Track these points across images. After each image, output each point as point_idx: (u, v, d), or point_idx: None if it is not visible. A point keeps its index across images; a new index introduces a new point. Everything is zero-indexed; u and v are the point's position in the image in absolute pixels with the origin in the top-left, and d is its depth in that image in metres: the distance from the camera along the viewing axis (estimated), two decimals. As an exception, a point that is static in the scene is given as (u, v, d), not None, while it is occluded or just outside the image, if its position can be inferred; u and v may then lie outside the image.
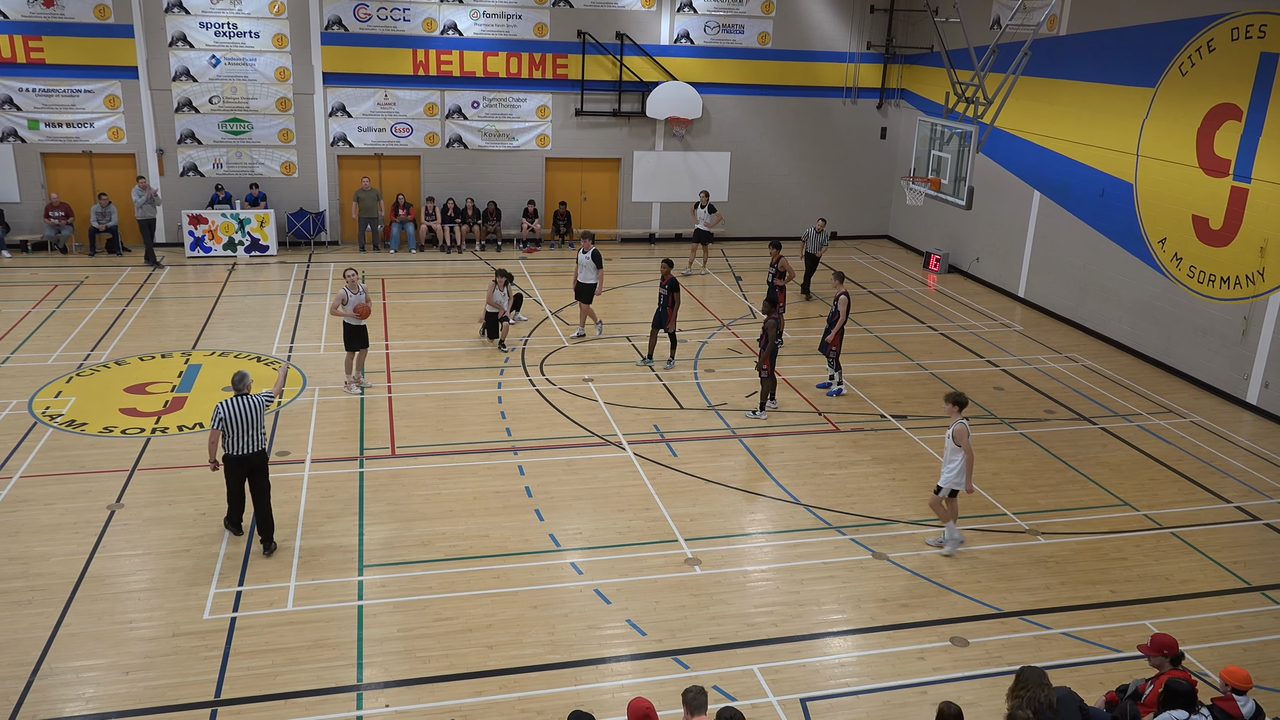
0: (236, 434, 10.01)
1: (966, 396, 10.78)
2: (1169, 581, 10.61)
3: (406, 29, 22.62)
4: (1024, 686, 6.61)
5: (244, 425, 10.02)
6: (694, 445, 13.38)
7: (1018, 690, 6.64)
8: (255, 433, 10.11)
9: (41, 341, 16.27)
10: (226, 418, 9.94)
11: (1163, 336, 17.29)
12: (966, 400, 10.70)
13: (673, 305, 15.93)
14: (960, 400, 10.61)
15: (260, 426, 10.16)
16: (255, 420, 10.09)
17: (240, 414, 9.98)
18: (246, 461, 10.16)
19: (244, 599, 9.55)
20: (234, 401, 10.03)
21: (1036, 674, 6.66)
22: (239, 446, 10.07)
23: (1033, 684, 6.59)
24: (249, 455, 10.14)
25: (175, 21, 21.53)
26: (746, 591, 10.06)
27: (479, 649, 8.97)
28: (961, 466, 10.50)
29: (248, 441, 10.07)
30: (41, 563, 10.00)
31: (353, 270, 14.43)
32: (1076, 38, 19.16)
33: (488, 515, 11.31)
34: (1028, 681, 6.62)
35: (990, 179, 21.49)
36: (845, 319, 15.01)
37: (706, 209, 22.30)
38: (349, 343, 14.53)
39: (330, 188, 23.24)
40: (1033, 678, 6.63)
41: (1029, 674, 6.67)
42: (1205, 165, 16.14)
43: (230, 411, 9.96)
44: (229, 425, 9.96)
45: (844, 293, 15.07)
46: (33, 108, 21.39)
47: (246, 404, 10.05)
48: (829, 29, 24.90)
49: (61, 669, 8.48)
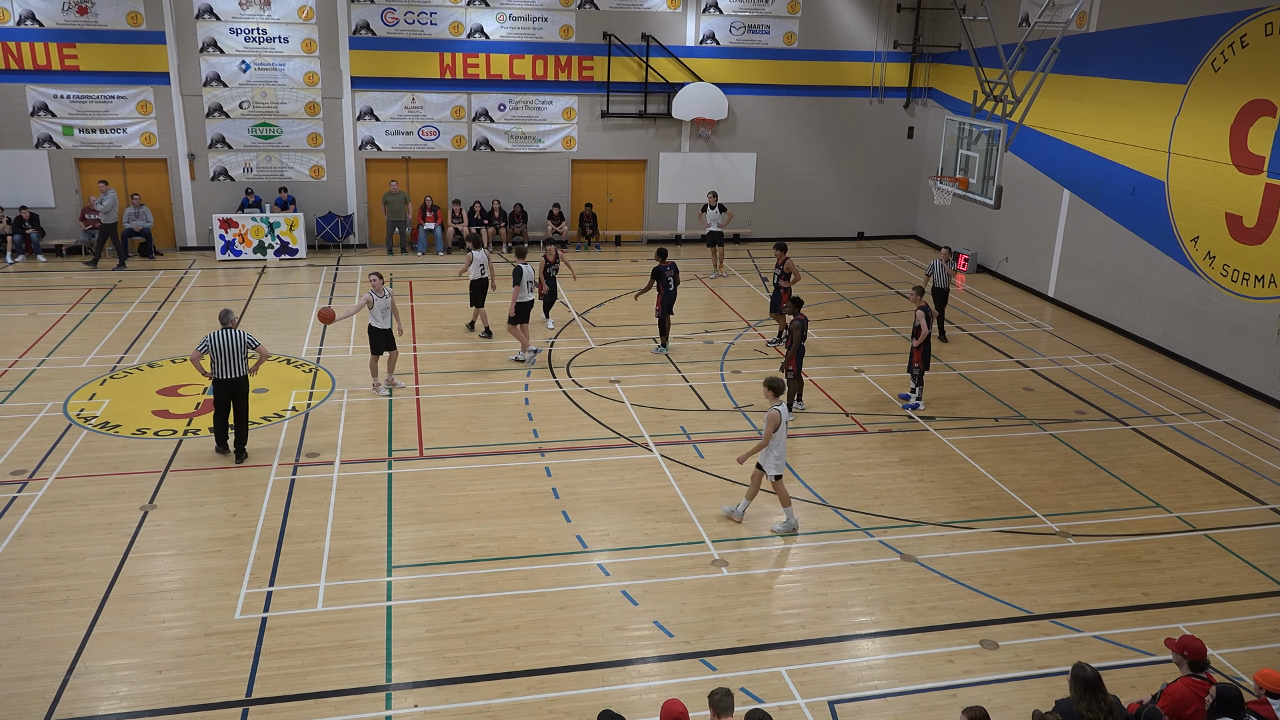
0: (222, 361, 11.95)
1: (783, 383, 10.97)
2: (1203, 584, 10.48)
3: (433, 32, 22.75)
4: (1096, 701, 6.51)
5: (227, 353, 11.95)
6: (720, 447, 13.36)
7: (1089, 696, 6.53)
8: (237, 360, 12.01)
9: (76, 345, 16.50)
10: (213, 346, 11.89)
11: (1196, 336, 17.07)
12: (782, 387, 10.90)
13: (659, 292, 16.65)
14: (775, 386, 10.82)
15: (242, 356, 12.05)
16: (237, 350, 11.98)
17: (225, 344, 11.92)
18: (229, 385, 12.10)
19: (274, 599, 9.64)
20: (220, 333, 11.95)
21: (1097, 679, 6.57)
22: (224, 371, 12.00)
23: (1104, 707, 6.49)
24: (231, 380, 12.07)
25: (206, 28, 21.78)
26: (774, 593, 10.04)
27: (507, 650, 9.00)
28: (782, 451, 10.87)
29: (231, 368, 12.00)
30: (77, 563, 10.14)
31: (377, 275, 14.53)
32: (1106, 34, 18.97)
33: (515, 516, 11.35)
34: (1098, 690, 6.52)
35: (1019, 178, 21.32)
36: (928, 332, 14.50)
37: (717, 209, 22.26)
38: (375, 346, 14.63)
39: (359, 191, 23.42)
40: (1103, 696, 6.53)
41: (1095, 688, 6.56)
42: (1239, 162, 15.93)
43: (216, 341, 11.90)
44: (215, 352, 11.90)
45: (923, 306, 14.55)
46: (67, 114, 21.71)
47: (231, 336, 11.97)
48: (855, 28, 24.80)
49: (96, 668, 8.59)
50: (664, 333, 16.82)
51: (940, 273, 17.76)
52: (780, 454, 10.93)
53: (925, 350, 14.60)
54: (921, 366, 14.70)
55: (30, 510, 11.12)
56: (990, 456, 13.33)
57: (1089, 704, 6.48)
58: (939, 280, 17.81)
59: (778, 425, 10.74)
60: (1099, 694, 6.52)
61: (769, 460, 10.94)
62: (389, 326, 14.53)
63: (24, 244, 21.69)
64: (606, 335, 17.76)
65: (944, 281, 17.81)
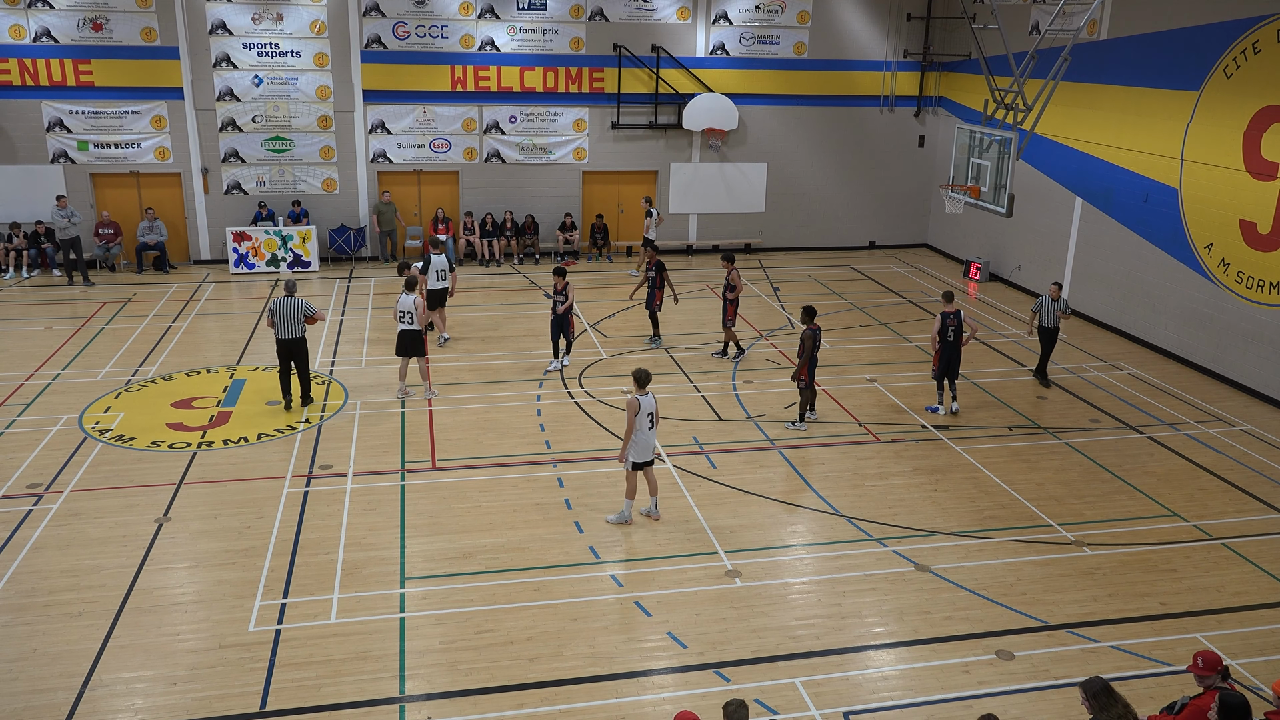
0: (281, 323, 14.04)
1: (647, 375, 11.06)
2: (1220, 593, 10.40)
3: (445, 45, 22.86)
4: (1113, 701, 6.49)
5: (286, 317, 14.05)
6: (733, 457, 13.34)
7: (1106, 699, 6.51)
8: (296, 324, 14.10)
9: (91, 358, 16.60)
10: (274, 309, 14.05)
11: (1211, 343, 16.98)
12: (646, 378, 11.03)
13: (659, 286, 17.28)
14: (639, 378, 11.01)
15: (299, 321, 14.11)
16: (295, 315, 14.09)
17: (284, 309, 14.05)
18: (287, 344, 14.17)
19: (288, 611, 9.65)
20: (282, 300, 14.16)
21: (1108, 686, 6.55)
22: (284, 332, 14.08)
23: (1119, 705, 6.47)
24: (290, 340, 14.16)
25: (219, 43, 21.94)
26: (788, 604, 10.00)
27: (520, 661, 8.99)
28: (636, 441, 11.01)
29: (290, 329, 14.09)
30: (92, 575, 10.18)
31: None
32: (1117, 42, 18.93)
33: (528, 528, 11.35)
34: (1116, 700, 6.50)
35: (1031, 186, 21.27)
36: (969, 333, 14.54)
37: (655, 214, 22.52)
38: (400, 348, 14.86)
39: (371, 204, 23.52)
40: (1119, 698, 6.51)
41: (1110, 690, 6.54)
42: (1252, 169, 15.86)
43: (278, 305, 14.07)
44: (275, 315, 14.02)
45: (954, 311, 14.60)
46: (82, 129, 21.88)
47: (290, 303, 14.11)
48: (865, 38, 24.82)
49: (111, 680, 8.62)
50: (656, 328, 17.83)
51: (1048, 310, 15.96)
52: (643, 445, 11.09)
53: (946, 354, 14.62)
54: (938, 369, 14.73)
55: (46, 523, 11.17)
56: (1004, 465, 13.27)
57: (1106, 705, 6.49)
58: (1045, 319, 15.99)
59: (636, 412, 10.91)
60: (1114, 695, 6.54)
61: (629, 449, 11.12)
62: (417, 328, 14.78)
63: (39, 258, 21.86)
64: (618, 346, 17.77)
65: (1051, 320, 15.95)
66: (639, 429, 11.01)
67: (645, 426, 11.05)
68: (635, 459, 11.18)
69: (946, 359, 14.68)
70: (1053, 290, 15.97)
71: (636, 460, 11.19)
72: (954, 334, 14.57)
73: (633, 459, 11.17)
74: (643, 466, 11.31)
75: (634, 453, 11.14)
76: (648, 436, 11.12)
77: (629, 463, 11.21)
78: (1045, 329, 16.05)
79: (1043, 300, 16.03)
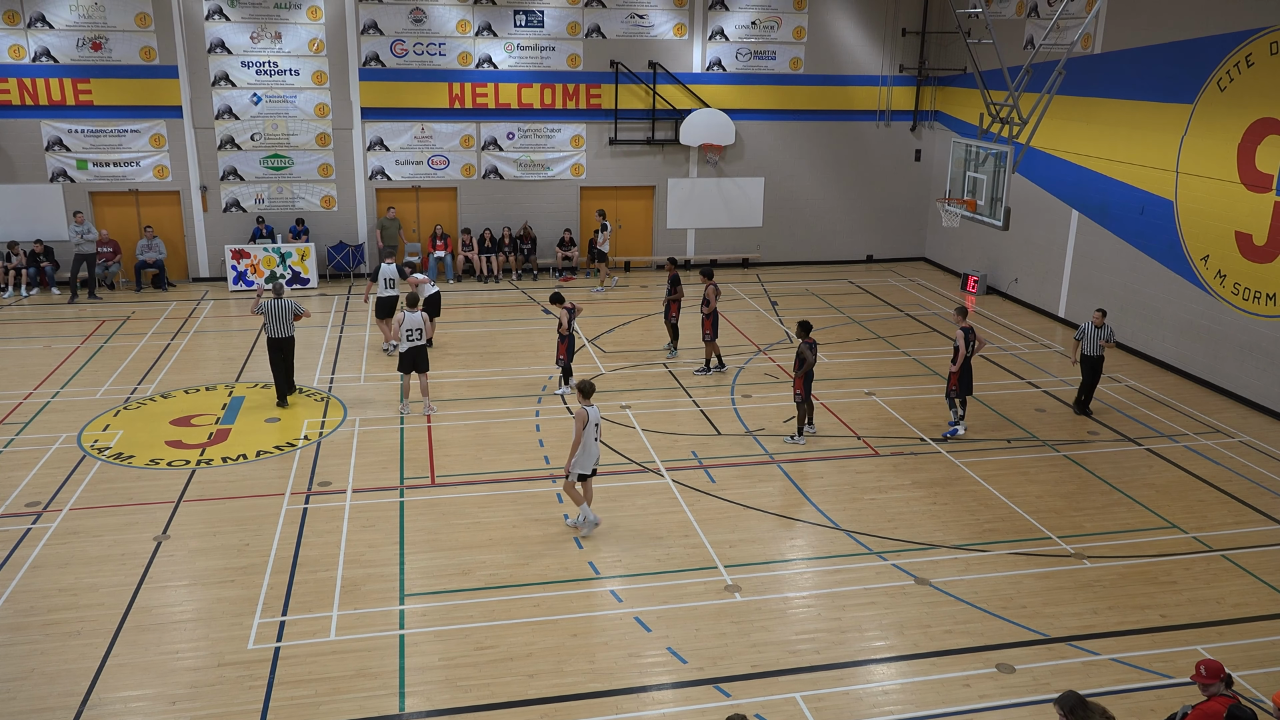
0: (273, 322, 14.84)
1: (592, 387, 11.26)
2: (1220, 605, 10.39)
3: (442, 63, 22.97)
4: (1090, 713, 6.50)
5: (277, 317, 14.85)
6: (732, 471, 13.35)
7: (1083, 717, 6.51)
8: (286, 323, 14.92)
9: (90, 376, 16.61)
10: (267, 309, 14.83)
11: (1208, 355, 17.01)
12: (590, 390, 11.25)
13: (676, 299, 17.64)
14: (584, 389, 11.22)
15: (289, 320, 14.93)
16: (285, 315, 14.90)
17: (275, 310, 14.85)
18: (279, 342, 14.98)
19: (287, 629, 9.64)
20: (272, 302, 14.93)
21: (1082, 699, 6.55)
22: (275, 331, 14.90)
23: (1097, 713, 6.47)
24: (281, 339, 14.97)
25: (218, 61, 22.04)
26: (788, 618, 9.99)
27: (520, 678, 8.97)
28: (583, 450, 11.06)
29: (281, 329, 14.92)
30: (90, 594, 10.16)
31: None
32: (1112, 55, 19.04)
33: (527, 544, 11.34)
34: (1092, 710, 6.50)
35: (1027, 199, 21.35)
36: (966, 354, 14.17)
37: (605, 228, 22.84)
38: (403, 364, 14.88)
39: (370, 221, 23.58)
40: (1094, 707, 6.51)
41: (1084, 701, 6.54)
42: (1247, 181, 15.93)
43: (269, 308, 14.84)
44: (268, 315, 14.81)
45: (966, 327, 14.27)
46: (81, 148, 21.96)
47: (280, 304, 14.92)
48: (861, 53, 24.94)
49: (110, 699, 8.59)
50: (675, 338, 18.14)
51: (1091, 338, 15.15)
52: (589, 456, 11.17)
53: (964, 375, 14.42)
54: (959, 390, 14.51)
55: (45, 541, 11.16)
56: (1003, 478, 13.28)
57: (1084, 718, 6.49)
58: (1089, 348, 15.16)
59: (585, 424, 10.97)
60: (1090, 706, 6.55)
61: (574, 461, 11.17)
62: (422, 344, 14.86)
63: (38, 277, 21.89)
64: (617, 361, 17.80)
65: (1095, 349, 15.11)
66: (586, 439, 11.08)
67: (593, 438, 11.13)
68: (581, 470, 11.26)
69: (968, 376, 14.53)
70: (1096, 317, 15.13)
71: (582, 472, 11.28)
72: (970, 349, 14.37)
73: (578, 471, 11.24)
74: (586, 479, 11.40)
75: (579, 464, 11.21)
76: (594, 448, 11.21)
77: (574, 475, 11.25)
78: (1089, 358, 15.22)
79: (1085, 328, 15.22)
